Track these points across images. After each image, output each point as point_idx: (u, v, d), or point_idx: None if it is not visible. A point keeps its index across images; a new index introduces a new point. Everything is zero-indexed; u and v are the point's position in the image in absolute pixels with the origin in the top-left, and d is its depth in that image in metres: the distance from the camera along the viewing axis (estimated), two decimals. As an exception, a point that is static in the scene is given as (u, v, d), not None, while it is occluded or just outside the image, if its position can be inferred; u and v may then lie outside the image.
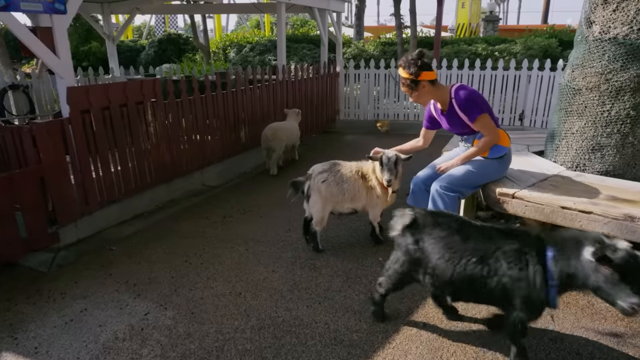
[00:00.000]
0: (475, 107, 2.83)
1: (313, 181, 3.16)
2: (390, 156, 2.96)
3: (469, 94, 2.84)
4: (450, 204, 2.88)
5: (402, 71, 2.87)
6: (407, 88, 2.90)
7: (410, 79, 2.84)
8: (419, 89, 2.87)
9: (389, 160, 2.95)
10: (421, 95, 2.92)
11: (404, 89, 2.93)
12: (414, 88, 2.87)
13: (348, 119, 8.56)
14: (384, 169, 2.97)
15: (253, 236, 3.63)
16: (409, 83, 2.86)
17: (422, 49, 2.85)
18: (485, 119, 2.85)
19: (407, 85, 2.88)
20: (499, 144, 2.94)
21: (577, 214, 2.49)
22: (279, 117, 6.44)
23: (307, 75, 7.08)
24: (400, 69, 2.88)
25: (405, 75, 2.85)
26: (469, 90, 2.86)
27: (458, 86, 2.90)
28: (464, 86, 2.90)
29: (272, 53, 12.28)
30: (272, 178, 5.28)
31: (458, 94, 2.87)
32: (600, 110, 2.94)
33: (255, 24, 19.55)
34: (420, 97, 2.93)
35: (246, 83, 5.65)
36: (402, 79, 2.88)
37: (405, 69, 2.84)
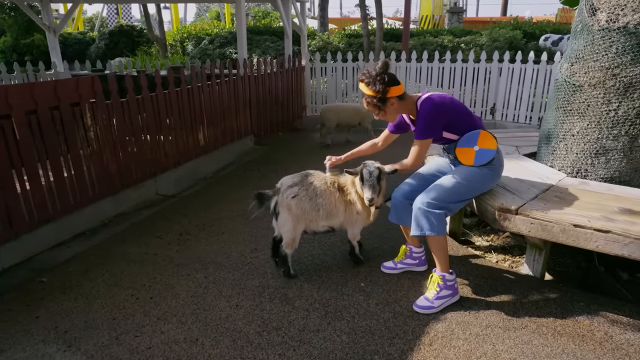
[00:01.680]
0: (424, 130, 2.46)
1: (282, 196, 2.70)
2: (372, 170, 2.53)
3: (428, 112, 2.43)
4: (436, 223, 2.44)
5: (365, 88, 2.44)
6: (372, 107, 2.49)
7: (376, 98, 2.42)
8: (387, 107, 2.47)
9: (371, 175, 2.52)
10: (389, 112, 2.51)
11: (368, 107, 2.51)
12: (381, 107, 2.47)
13: (315, 115, 8.10)
14: (365, 186, 2.53)
15: (214, 258, 3.13)
16: (375, 102, 2.44)
17: (385, 60, 2.45)
18: (422, 145, 2.50)
19: (373, 105, 2.46)
20: (483, 147, 2.50)
21: (593, 234, 2.14)
22: (241, 115, 5.92)
23: (271, 69, 6.56)
24: (363, 86, 2.45)
25: (369, 93, 2.42)
26: (430, 107, 2.43)
27: (425, 99, 2.46)
28: (428, 101, 2.45)
29: (232, 46, 11.64)
30: (235, 185, 4.76)
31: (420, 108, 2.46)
32: (606, 110, 2.62)
33: (216, 16, 18.71)
34: (388, 114, 2.53)
35: (203, 79, 5.09)
36: (367, 97, 2.45)
37: (370, 85, 2.41)
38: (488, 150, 2.54)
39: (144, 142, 4.27)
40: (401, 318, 2.39)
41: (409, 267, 2.88)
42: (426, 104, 2.44)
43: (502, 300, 2.51)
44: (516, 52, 7.32)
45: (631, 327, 2.27)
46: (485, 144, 2.53)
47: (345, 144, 6.46)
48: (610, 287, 2.73)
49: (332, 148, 6.22)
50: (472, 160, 2.54)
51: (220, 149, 5.54)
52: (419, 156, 2.55)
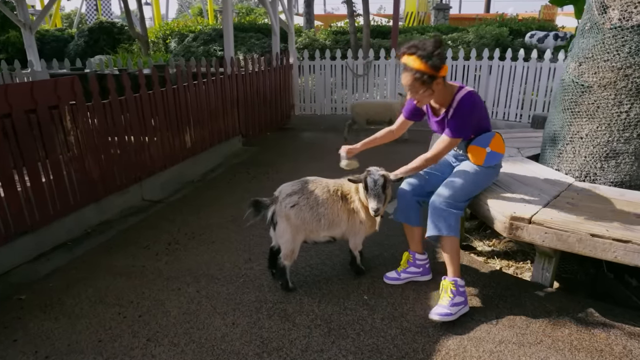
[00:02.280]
0: (458, 129, 2.36)
1: (280, 206, 2.53)
2: (376, 179, 2.38)
3: (466, 112, 2.34)
4: (454, 224, 2.37)
5: (417, 62, 2.23)
6: (418, 83, 2.26)
7: (428, 74, 2.24)
8: (432, 86, 2.29)
9: (376, 183, 2.37)
10: (429, 94, 2.33)
11: (410, 83, 2.28)
12: (428, 84, 2.27)
13: (304, 114, 7.95)
14: (370, 195, 2.39)
15: (206, 270, 2.96)
16: (425, 78, 2.24)
17: (438, 35, 2.30)
18: (451, 144, 2.40)
19: (421, 82, 2.26)
20: (494, 150, 2.48)
21: (612, 243, 2.04)
22: (229, 115, 5.72)
23: (259, 67, 6.37)
24: (414, 59, 2.24)
25: (421, 68, 2.23)
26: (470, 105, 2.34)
27: (466, 94, 2.36)
28: (470, 97, 2.35)
29: (217, 43, 11.38)
30: (224, 189, 4.57)
31: (460, 105, 2.35)
32: (617, 112, 2.52)
33: (198, 12, 18.34)
34: (427, 96, 2.35)
35: (189, 78, 4.88)
36: (416, 72, 2.24)
37: (424, 59, 2.22)
38: (498, 153, 2.50)
39: (128, 145, 4.05)
40: (409, 334, 2.26)
41: (413, 277, 2.75)
42: (467, 100, 2.33)
43: (513, 313, 2.40)
44: (503, 49, 7.27)
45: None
46: (497, 147, 2.49)
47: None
48: (619, 295, 2.64)
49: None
50: (482, 161, 2.50)
51: (207, 150, 5.34)
52: (443, 153, 2.45)
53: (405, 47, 2.30)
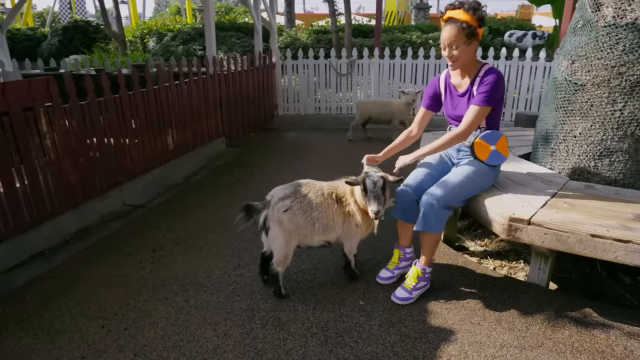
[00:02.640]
0: (489, 96, 2.35)
1: (272, 210, 2.44)
2: (375, 180, 2.31)
3: (495, 80, 2.35)
4: (443, 222, 2.44)
5: (462, 14, 2.27)
6: (463, 35, 2.27)
7: (474, 26, 2.28)
8: (472, 42, 2.32)
9: (375, 185, 2.30)
10: (468, 52, 2.34)
11: (455, 35, 2.28)
12: (470, 38, 2.30)
13: (288, 114, 7.85)
14: (369, 198, 2.31)
15: (194, 278, 2.84)
16: (471, 31, 2.28)
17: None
18: (482, 112, 2.38)
19: (466, 34, 2.27)
20: (499, 151, 2.48)
21: (612, 244, 2.01)
22: (211, 116, 5.59)
23: (242, 67, 6.24)
24: (459, 12, 2.28)
25: (467, 19, 2.26)
26: (498, 76, 2.37)
27: (489, 68, 2.42)
28: (496, 70, 2.41)
29: (197, 42, 11.17)
30: (209, 192, 4.44)
31: (488, 74, 2.38)
32: (611, 110, 2.50)
33: (176, 11, 18.01)
34: (466, 54, 2.34)
35: (170, 78, 4.73)
36: (462, 23, 2.26)
37: (470, 11, 2.27)
38: (501, 155, 2.51)
39: (108, 148, 3.89)
40: (409, 341, 2.19)
41: (404, 270, 2.76)
42: (494, 71, 2.38)
43: (512, 315, 2.36)
44: (483, 47, 7.33)
45: (648, 338, 2.16)
46: (502, 148, 2.50)
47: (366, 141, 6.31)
48: (614, 293, 2.63)
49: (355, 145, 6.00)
50: (486, 157, 2.49)
51: (190, 152, 5.20)
52: (475, 125, 2.42)
53: (449, 5, 2.35)
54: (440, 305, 2.46)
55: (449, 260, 2.95)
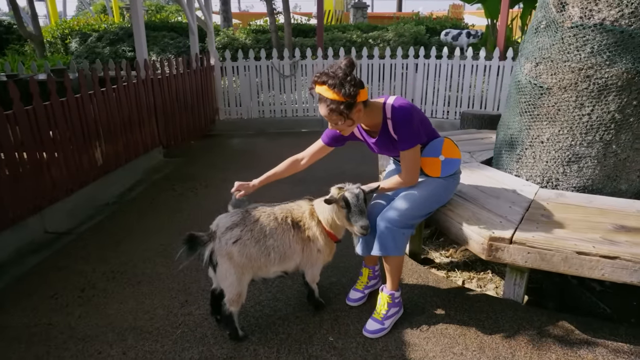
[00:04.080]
0: (412, 136, 2.11)
1: (219, 242, 2.09)
2: (357, 193, 2.07)
3: (407, 116, 2.09)
4: (402, 243, 2.21)
5: (329, 92, 1.94)
6: (336, 115, 1.98)
7: (344, 103, 1.94)
8: (352, 115, 2.00)
9: (358, 199, 2.06)
10: (348, 124, 2.05)
11: (327, 114, 2.00)
12: (347, 115, 1.98)
13: (230, 118, 7.40)
14: (353, 213, 2.06)
15: (132, 322, 2.42)
16: (342, 109, 1.95)
17: (350, 58, 1.99)
18: (415, 154, 2.15)
19: (338, 113, 1.96)
20: (449, 157, 2.27)
21: (599, 261, 1.88)
22: (146, 125, 5.08)
23: (177, 70, 5.75)
24: (325, 89, 1.95)
25: (335, 97, 1.93)
26: (407, 109, 2.09)
27: (395, 102, 2.10)
28: (401, 103, 2.11)
29: (126, 43, 10.37)
30: (147, 211, 3.97)
31: (396, 114, 2.09)
32: (579, 114, 2.40)
33: (101, 9, 16.78)
34: (348, 126, 2.06)
35: (95, 84, 4.19)
36: (330, 103, 1.95)
37: (336, 89, 1.92)
38: (454, 159, 2.29)
39: (21, 169, 3.33)
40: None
41: (374, 288, 2.59)
42: (401, 108, 2.08)
43: (494, 340, 2.18)
44: (421, 47, 7.35)
45: (634, 355, 2.06)
46: (451, 152, 2.27)
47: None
48: (586, 302, 2.55)
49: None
50: (439, 171, 2.28)
51: (123, 167, 4.67)
52: (417, 168, 2.19)
53: (315, 76, 2.02)
54: (418, 335, 2.24)
55: (417, 279, 2.75)
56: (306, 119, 7.37)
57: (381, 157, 3.26)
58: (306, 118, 7.38)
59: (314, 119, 7.37)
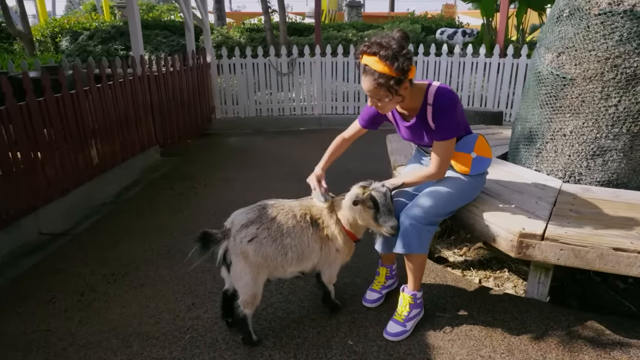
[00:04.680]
0: (451, 128, 2.01)
1: (234, 241, 1.96)
2: (384, 192, 1.97)
3: (451, 106, 1.98)
4: (426, 241, 2.08)
5: (379, 65, 1.80)
6: (383, 90, 1.84)
7: (394, 78, 1.81)
8: (400, 92, 1.87)
9: (386, 198, 1.96)
10: (391, 103, 1.94)
11: (372, 89, 1.85)
12: (395, 91, 1.85)
13: (227, 117, 7.25)
14: (382, 214, 1.96)
15: (137, 327, 2.29)
16: (392, 84, 1.82)
17: (402, 29, 1.86)
18: (450, 146, 2.04)
19: (387, 87, 1.83)
20: (481, 155, 2.16)
21: (637, 257, 1.78)
22: (142, 123, 4.92)
23: (174, 67, 5.60)
24: (375, 61, 1.81)
25: (385, 71, 1.80)
26: (452, 98, 1.99)
27: (439, 88, 1.99)
28: (446, 90, 2.00)
29: (118, 41, 10.18)
30: (146, 211, 3.82)
31: (439, 101, 1.97)
32: (605, 106, 2.31)
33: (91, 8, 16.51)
34: (391, 103, 1.94)
35: (91, 81, 4.04)
36: (380, 76, 1.81)
37: (389, 61, 1.78)
38: (485, 158, 2.17)
39: (15, 168, 3.18)
40: None
41: (391, 288, 2.49)
42: (446, 94, 1.97)
43: (523, 342, 2.08)
44: (417, 44, 7.27)
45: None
46: (483, 151, 2.16)
47: (308, 145, 5.75)
48: (610, 300, 2.46)
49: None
50: (469, 169, 2.17)
51: (120, 166, 4.52)
52: (448, 161, 2.09)
53: (364, 45, 1.87)
54: (442, 337, 2.13)
55: (435, 278, 2.64)
56: (304, 117, 7.25)
57: (394, 152, 3.15)
58: (304, 116, 7.26)
59: (312, 117, 7.25)
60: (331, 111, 7.28)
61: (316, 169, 2.26)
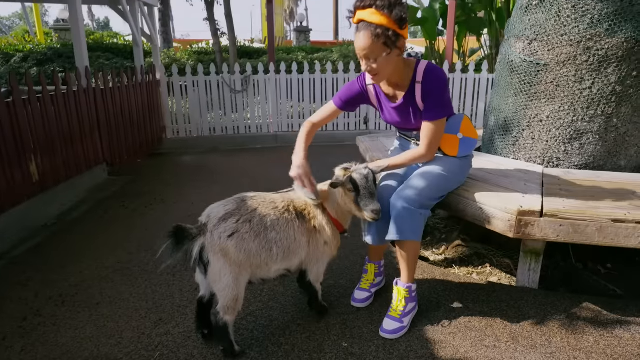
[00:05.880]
0: (442, 106, 1.94)
1: (211, 237, 1.74)
2: (365, 174, 1.81)
3: (442, 83, 1.93)
4: (420, 225, 1.95)
5: (374, 15, 1.72)
6: (380, 43, 1.75)
7: (392, 29, 1.73)
8: (396, 49, 1.80)
9: (367, 180, 1.80)
10: (390, 63, 1.83)
11: (369, 44, 1.75)
12: (391, 44, 1.77)
13: (178, 137, 6.92)
14: (362, 197, 1.79)
15: (95, 350, 1.96)
16: (390, 35, 1.73)
17: None
18: (440, 126, 1.98)
19: (384, 39, 1.74)
20: (468, 136, 2.11)
21: (635, 227, 1.75)
22: (88, 139, 4.55)
23: (121, 82, 5.28)
24: (370, 12, 1.73)
25: (381, 21, 1.72)
26: (442, 75, 1.94)
27: (429, 65, 1.94)
28: (435, 68, 1.94)
29: (55, 63, 9.61)
30: (96, 229, 3.45)
31: (430, 78, 1.91)
32: (579, 89, 2.34)
33: (24, 33, 15.62)
34: (388, 65, 1.83)
35: (30, 90, 3.67)
36: (378, 28, 1.73)
37: (385, 10, 1.71)
38: (471, 139, 2.12)
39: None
40: None
41: (379, 286, 2.32)
42: (436, 71, 1.90)
43: (525, 329, 1.97)
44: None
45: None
46: (468, 131, 2.11)
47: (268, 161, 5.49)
48: (595, 285, 2.44)
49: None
50: (456, 150, 2.10)
51: (63, 184, 4.10)
52: (438, 141, 1.99)
53: (357, 1, 1.79)
54: (441, 331, 1.98)
55: (423, 274, 2.51)
56: (260, 135, 7.06)
57: (368, 150, 3.04)
58: (260, 134, 7.08)
59: (268, 135, 7.08)
60: (287, 129, 7.16)
61: (296, 159, 2.03)
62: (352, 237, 2.97)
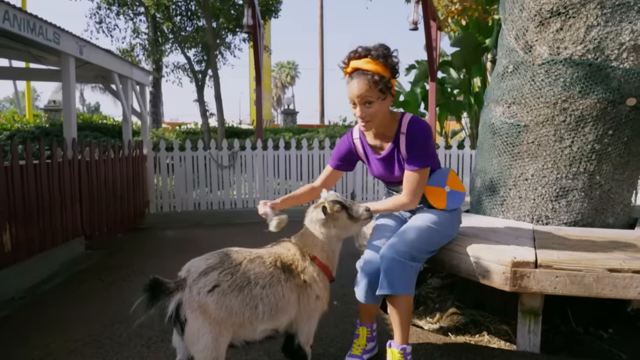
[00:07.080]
0: (425, 156, 1.99)
1: (190, 292, 1.62)
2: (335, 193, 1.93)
3: (425, 134, 1.98)
4: (412, 279, 1.90)
5: (369, 64, 1.84)
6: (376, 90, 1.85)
7: (385, 77, 1.85)
8: (387, 97, 1.90)
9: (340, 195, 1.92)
10: (384, 108, 1.91)
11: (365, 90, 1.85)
12: (385, 92, 1.87)
13: (162, 212, 6.82)
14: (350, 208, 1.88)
15: None
16: (384, 83, 1.84)
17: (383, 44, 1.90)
18: (423, 176, 2.00)
19: (382, 87, 1.84)
20: (455, 189, 2.11)
21: (632, 277, 1.70)
22: (68, 210, 4.43)
23: (107, 155, 5.30)
24: (365, 61, 1.85)
25: (377, 69, 1.83)
26: (425, 127, 2.01)
27: (412, 117, 2.02)
28: (419, 120, 2.03)
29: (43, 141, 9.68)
30: (68, 303, 3.23)
31: (413, 129, 1.97)
32: (560, 147, 2.40)
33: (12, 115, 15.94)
34: (381, 110, 1.91)
35: (14, 157, 3.64)
36: (374, 75, 1.83)
37: (380, 59, 1.84)
38: (459, 192, 2.13)
39: None
40: None
41: (371, 353, 2.15)
42: (419, 123, 1.97)
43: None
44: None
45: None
46: (456, 185, 2.13)
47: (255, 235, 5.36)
48: (598, 350, 2.31)
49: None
50: (444, 203, 2.09)
51: (35, 256, 3.90)
52: (421, 191, 1.99)
53: (351, 52, 1.91)
54: (442, 399, 1.81)
55: (417, 339, 2.36)
56: (245, 210, 7.00)
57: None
58: (246, 209, 7.02)
59: (253, 210, 7.02)
60: (273, 204, 7.14)
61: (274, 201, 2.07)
62: (342, 305, 2.83)
